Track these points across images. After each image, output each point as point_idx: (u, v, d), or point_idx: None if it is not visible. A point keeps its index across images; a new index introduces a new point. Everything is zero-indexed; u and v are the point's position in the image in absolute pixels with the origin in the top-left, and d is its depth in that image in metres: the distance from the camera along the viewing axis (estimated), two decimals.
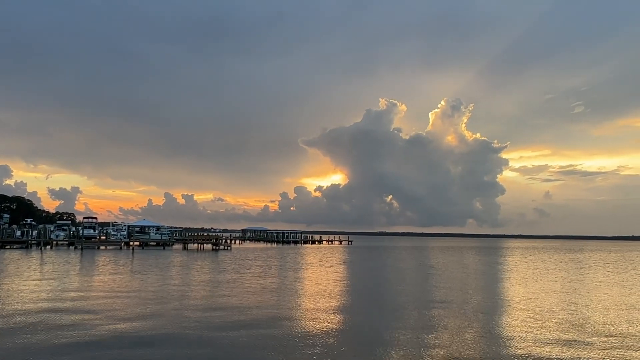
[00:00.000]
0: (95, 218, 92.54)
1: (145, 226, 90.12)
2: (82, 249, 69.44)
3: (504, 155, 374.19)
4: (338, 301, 24.72)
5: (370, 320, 20.05)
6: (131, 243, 77.26)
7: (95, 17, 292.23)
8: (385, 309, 23.07)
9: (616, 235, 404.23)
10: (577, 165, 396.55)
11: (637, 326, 19.34)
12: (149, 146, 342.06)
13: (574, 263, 62.77)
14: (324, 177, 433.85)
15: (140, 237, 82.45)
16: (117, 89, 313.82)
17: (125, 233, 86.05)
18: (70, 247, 75.41)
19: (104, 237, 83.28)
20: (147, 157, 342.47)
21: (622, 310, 23.26)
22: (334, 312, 21.33)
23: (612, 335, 17.44)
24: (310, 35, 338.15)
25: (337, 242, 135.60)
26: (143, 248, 76.06)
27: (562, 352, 14.85)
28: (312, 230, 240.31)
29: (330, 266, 49.10)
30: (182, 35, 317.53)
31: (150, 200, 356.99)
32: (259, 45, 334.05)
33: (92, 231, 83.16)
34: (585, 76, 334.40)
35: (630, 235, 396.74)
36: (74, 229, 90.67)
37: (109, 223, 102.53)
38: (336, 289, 29.64)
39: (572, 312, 22.48)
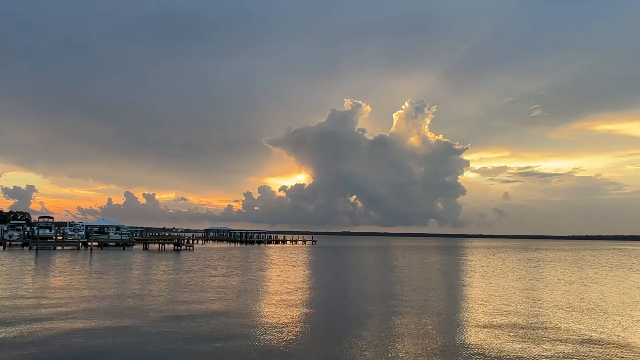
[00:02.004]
0: (52, 217, 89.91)
1: (104, 226, 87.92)
2: (37, 249, 67.36)
3: (465, 156, 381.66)
4: (301, 303, 24.75)
5: (336, 323, 20.16)
6: (89, 243, 75.34)
7: (52, 9, 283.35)
8: (349, 309, 23.23)
9: (571, 234, 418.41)
10: (534, 166, 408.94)
11: (599, 321, 20.11)
12: (109, 144, 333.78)
13: (532, 262, 64.66)
14: (288, 176, 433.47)
15: (99, 237, 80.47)
16: (76, 85, 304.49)
17: (83, 233, 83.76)
18: (25, 247, 72.91)
19: (61, 237, 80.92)
20: (106, 155, 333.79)
21: (583, 306, 24.12)
22: (297, 316, 21.34)
23: (573, 330, 18.08)
24: (275, 34, 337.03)
25: (301, 242, 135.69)
26: (102, 248, 74.27)
27: (526, 348, 15.30)
28: (276, 230, 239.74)
29: (295, 266, 49.09)
30: (144, 31, 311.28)
31: (110, 199, 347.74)
32: (223, 43, 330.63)
33: (48, 231, 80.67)
34: (543, 81, 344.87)
35: (584, 234, 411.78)
36: (28, 228, 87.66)
37: (66, 223, 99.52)
38: (299, 291, 29.66)
39: (534, 308, 23.16)
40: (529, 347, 15.58)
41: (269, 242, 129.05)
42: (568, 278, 40.84)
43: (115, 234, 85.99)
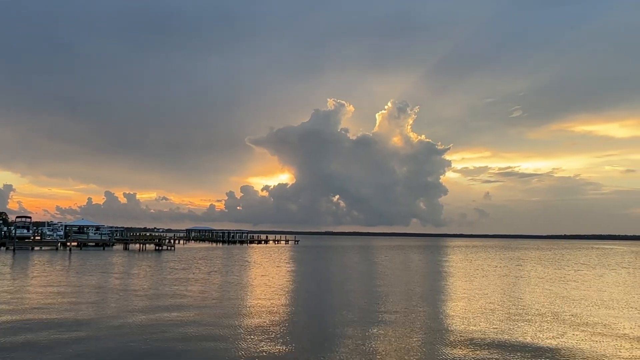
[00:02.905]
0: (30, 217, 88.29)
1: (83, 226, 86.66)
2: (14, 249, 66.12)
3: (447, 156, 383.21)
4: (282, 306, 24.61)
5: (317, 323, 20.07)
6: (68, 243, 74.10)
7: (32, 5, 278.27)
8: (331, 309, 23.19)
9: (550, 234, 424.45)
10: (514, 167, 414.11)
11: (582, 319, 20.33)
12: (89, 143, 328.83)
13: (514, 261, 65.36)
14: (271, 176, 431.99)
15: (78, 238, 79.24)
16: (55, 83, 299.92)
17: (62, 233, 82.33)
18: (2, 248, 71.39)
19: (39, 238, 79.48)
20: (86, 155, 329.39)
21: (565, 304, 24.37)
22: (277, 320, 21.20)
23: (557, 328, 18.24)
24: (258, 33, 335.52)
25: (284, 242, 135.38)
26: (81, 249, 73.14)
27: (510, 347, 15.37)
28: (258, 230, 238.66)
29: (277, 267, 48.91)
30: (125, 28, 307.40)
31: (89, 199, 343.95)
32: (206, 41, 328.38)
33: (25, 231, 79.18)
34: (524, 82, 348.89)
35: (563, 234, 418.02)
36: (5, 228, 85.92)
37: (44, 223, 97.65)
38: (281, 292, 29.52)
39: (517, 307, 23.33)
40: (513, 345, 15.65)
41: (252, 242, 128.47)
42: (549, 277, 41.32)
43: (94, 234, 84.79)
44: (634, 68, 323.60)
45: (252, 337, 16.34)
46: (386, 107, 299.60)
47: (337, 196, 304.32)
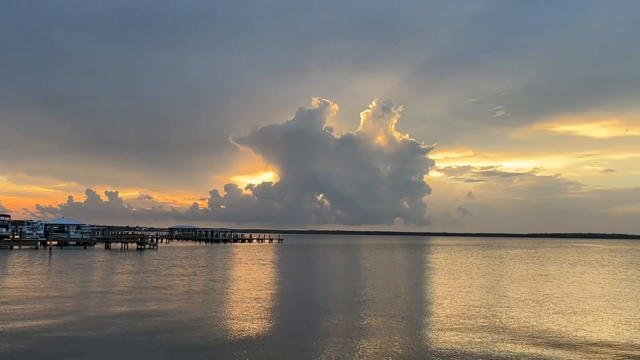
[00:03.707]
0: (8, 216, 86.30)
1: (64, 224, 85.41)
2: None
3: (430, 156, 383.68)
4: (267, 302, 24.48)
5: (301, 323, 19.98)
6: (48, 242, 72.94)
7: (11, 2, 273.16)
8: (316, 308, 23.10)
9: (531, 232, 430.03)
10: (497, 166, 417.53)
11: (565, 315, 20.54)
12: (70, 140, 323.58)
13: (496, 259, 65.98)
14: (255, 175, 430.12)
15: (58, 237, 78.09)
16: (34, 79, 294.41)
17: (42, 232, 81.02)
18: None
19: (18, 237, 78.08)
20: (67, 152, 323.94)
21: (548, 301, 24.62)
22: (263, 315, 21.06)
23: (541, 325, 18.40)
24: (242, 31, 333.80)
25: (268, 241, 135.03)
26: (62, 248, 72.10)
27: (494, 344, 15.43)
28: (242, 228, 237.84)
29: (261, 265, 48.70)
30: (108, 26, 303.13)
31: (70, 197, 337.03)
32: (189, 38, 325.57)
33: (4, 230, 77.60)
34: (506, 82, 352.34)
35: (544, 232, 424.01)
36: None
37: (23, 221, 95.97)
38: (265, 290, 29.38)
39: (501, 304, 23.49)
40: (496, 343, 15.73)
41: (235, 241, 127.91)
42: (531, 274, 41.76)
43: (75, 232, 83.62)
44: (613, 69, 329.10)
45: (236, 334, 16.21)
46: (370, 106, 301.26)
47: (321, 195, 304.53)
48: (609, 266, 55.84)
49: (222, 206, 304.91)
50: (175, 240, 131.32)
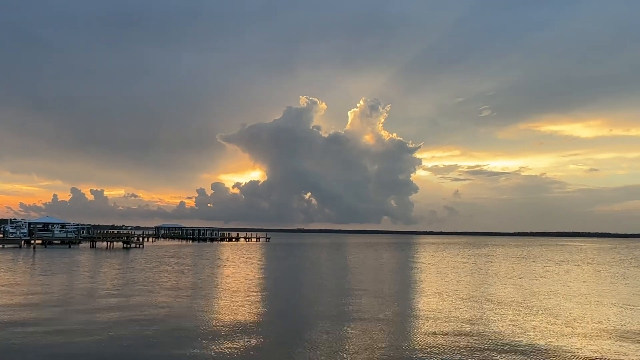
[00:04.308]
0: None
1: (48, 223, 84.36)
2: None
3: (418, 155, 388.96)
4: (255, 299, 24.35)
5: (288, 318, 19.88)
6: (32, 241, 71.98)
7: None
8: (301, 305, 23.02)
9: (517, 231, 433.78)
10: (483, 165, 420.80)
11: (552, 313, 20.66)
12: (55, 138, 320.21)
13: (483, 257, 66.38)
14: (243, 173, 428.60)
15: (43, 235, 77.09)
16: (19, 76, 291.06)
17: (25, 231, 79.98)
18: None
19: (1, 235, 77.06)
20: (52, 150, 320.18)
21: (536, 296, 24.77)
22: (247, 321, 20.93)
23: (529, 322, 18.48)
24: (230, 29, 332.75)
25: (255, 240, 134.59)
26: (46, 247, 71.17)
27: (483, 342, 15.45)
28: (229, 227, 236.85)
29: (248, 265, 48.48)
30: (95, 23, 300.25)
31: (55, 195, 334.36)
32: (178, 37, 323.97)
33: None
34: (493, 82, 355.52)
35: (529, 231, 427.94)
36: None
37: (7, 220, 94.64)
38: (252, 290, 29.23)
39: (489, 303, 23.58)
40: (485, 341, 15.76)
41: (222, 240, 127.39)
42: (518, 272, 42.06)
43: (60, 231, 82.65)
44: (598, 70, 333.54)
45: (222, 332, 16.06)
46: (358, 105, 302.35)
47: (308, 193, 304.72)
48: (594, 264, 56.44)
49: (209, 205, 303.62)
50: (162, 239, 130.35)
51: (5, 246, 70.22)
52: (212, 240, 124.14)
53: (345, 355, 13.69)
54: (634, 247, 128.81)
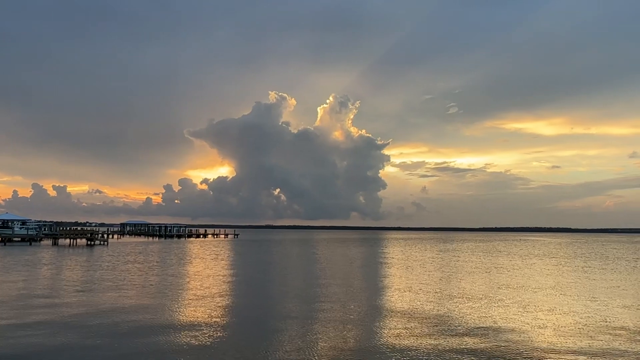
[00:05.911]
0: None
1: (8, 220, 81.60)
2: None
3: (386, 151, 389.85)
4: (219, 302, 23.99)
5: (256, 314, 19.66)
6: None
7: None
8: (269, 300, 22.82)
9: (482, 226, 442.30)
10: (450, 162, 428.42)
11: (520, 305, 20.99)
12: (15, 133, 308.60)
13: (450, 252, 67.39)
14: (211, 169, 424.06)
15: (2, 233, 74.46)
16: None
17: None
18: None
19: None
20: (12, 145, 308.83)
21: (504, 288, 25.17)
22: (214, 317, 20.60)
23: (498, 314, 18.70)
24: (198, 23, 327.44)
25: (223, 236, 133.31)
26: (5, 244, 68.78)
27: (451, 336, 15.54)
28: (197, 224, 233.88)
29: (217, 260, 47.93)
30: (57, 13, 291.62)
31: (15, 191, 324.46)
32: (143, 29, 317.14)
33: None
34: (460, 80, 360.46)
35: (494, 226, 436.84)
36: None
37: None
38: (217, 287, 28.85)
39: (458, 296, 23.82)
40: (452, 334, 15.88)
41: (190, 236, 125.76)
42: (485, 266, 42.82)
43: (20, 228, 79.97)
44: (561, 69, 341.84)
45: (188, 329, 15.72)
46: (327, 101, 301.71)
47: (277, 190, 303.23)
48: (557, 257, 57.99)
49: (176, 201, 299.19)
50: (127, 236, 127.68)
51: None
52: (179, 237, 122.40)
53: (312, 352, 13.55)
54: (593, 242, 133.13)
